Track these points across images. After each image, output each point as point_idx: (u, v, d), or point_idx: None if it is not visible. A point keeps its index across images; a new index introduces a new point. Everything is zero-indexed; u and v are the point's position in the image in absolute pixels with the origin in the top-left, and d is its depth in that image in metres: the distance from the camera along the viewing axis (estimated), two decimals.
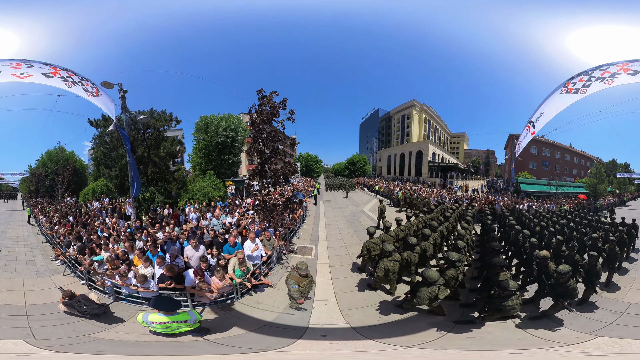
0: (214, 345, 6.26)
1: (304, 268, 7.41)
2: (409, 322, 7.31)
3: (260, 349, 6.05)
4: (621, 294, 8.57)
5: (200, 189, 18.07)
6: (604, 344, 6.08)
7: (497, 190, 28.29)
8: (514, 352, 5.90)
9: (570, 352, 5.89)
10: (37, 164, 20.29)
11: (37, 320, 7.14)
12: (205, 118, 22.39)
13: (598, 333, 6.50)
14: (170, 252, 9.01)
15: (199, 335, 6.52)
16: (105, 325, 6.97)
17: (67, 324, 6.95)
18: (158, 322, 6.10)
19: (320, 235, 14.35)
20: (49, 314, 7.37)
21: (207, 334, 6.63)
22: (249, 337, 6.68)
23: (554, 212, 17.60)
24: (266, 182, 12.22)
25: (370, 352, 6.12)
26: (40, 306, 7.84)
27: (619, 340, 6.17)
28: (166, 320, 6.09)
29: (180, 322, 6.16)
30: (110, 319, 7.25)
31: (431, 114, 35.15)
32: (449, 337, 6.62)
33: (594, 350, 5.90)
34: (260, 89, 11.51)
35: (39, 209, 16.96)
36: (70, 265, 10.06)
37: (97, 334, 6.62)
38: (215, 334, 6.66)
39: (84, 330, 6.71)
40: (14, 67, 6.81)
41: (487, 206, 18.52)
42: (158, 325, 6.13)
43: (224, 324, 7.11)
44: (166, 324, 6.11)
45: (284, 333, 6.76)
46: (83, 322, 6.98)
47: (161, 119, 18.34)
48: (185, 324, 6.20)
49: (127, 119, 12.08)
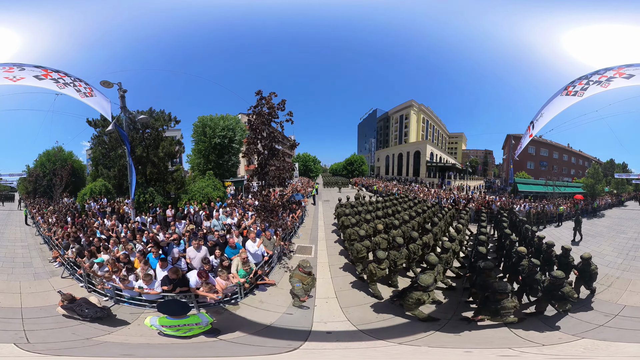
0: (235, 346, 6.25)
1: (306, 266, 7.52)
2: (403, 318, 7.38)
3: (276, 348, 6.06)
4: (616, 296, 8.59)
5: (199, 190, 18.06)
6: (584, 346, 6.06)
7: (495, 191, 28.39)
8: (468, 351, 5.96)
9: (537, 353, 5.86)
10: (35, 164, 20.15)
11: (32, 323, 6.99)
12: (203, 118, 22.36)
13: (585, 335, 6.49)
14: (172, 254, 9.04)
15: (212, 336, 6.46)
16: (109, 328, 6.88)
17: (66, 327, 6.83)
18: (167, 326, 6.04)
19: (320, 235, 14.47)
20: (46, 317, 7.23)
21: (219, 334, 6.58)
22: (259, 336, 6.70)
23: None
24: (265, 183, 12.23)
25: (365, 348, 6.20)
26: (37, 309, 7.69)
27: (600, 342, 6.14)
28: (176, 324, 6.03)
29: (192, 325, 6.10)
30: (114, 322, 7.17)
31: (429, 114, 35.24)
32: (438, 334, 6.70)
33: (568, 352, 5.88)
34: (259, 90, 11.48)
35: (36, 210, 16.87)
36: (68, 267, 9.98)
37: (101, 337, 6.53)
38: (227, 334, 6.64)
39: (84, 333, 6.62)
40: (6, 70, 6.95)
41: (484, 206, 18.60)
42: (168, 329, 6.07)
43: (232, 324, 7.12)
44: (177, 327, 6.05)
45: (291, 332, 6.83)
46: (83, 326, 6.89)
47: (160, 119, 18.29)
48: (197, 327, 6.14)
49: (126, 119, 12.05)
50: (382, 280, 8.81)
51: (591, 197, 22.28)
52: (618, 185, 23.69)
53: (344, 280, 9.61)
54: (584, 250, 9.13)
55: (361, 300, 8.34)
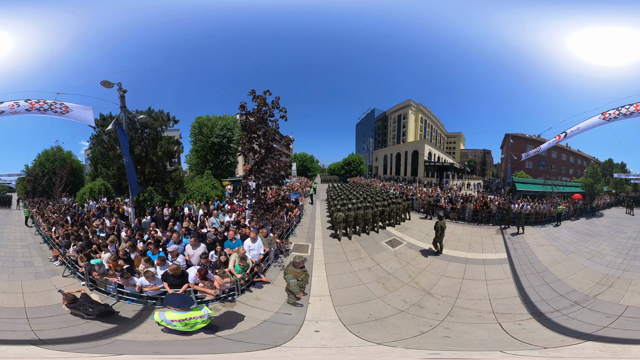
0: (230, 342, 6.35)
1: (300, 260, 7.60)
2: (395, 319, 7.55)
3: (269, 344, 6.16)
4: (618, 297, 8.60)
5: (198, 189, 18.13)
6: (591, 349, 5.94)
7: (492, 190, 28.41)
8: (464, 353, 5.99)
9: (543, 356, 5.80)
10: (34, 163, 20.29)
11: (39, 323, 7.02)
12: (200, 119, 22.46)
13: (589, 337, 6.44)
14: (171, 250, 9.14)
15: (210, 332, 6.57)
16: (115, 326, 6.93)
17: (74, 326, 6.84)
18: (177, 320, 6.13)
19: (317, 234, 14.58)
20: (52, 317, 7.26)
21: (216, 330, 6.68)
22: (253, 333, 6.80)
23: None
24: (262, 182, 12.26)
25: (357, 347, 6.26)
26: (41, 309, 7.74)
27: (609, 345, 6.01)
28: (184, 317, 6.12)
29: (196, 318, 6.20)
30: (118, 320, 7.25)
31: (427, 114, 35.26)
32: (427, 335, 6.79)
33: (575, 354, 5.80)
34: (252, 90, 11.44)
35: (36, 209, 16.96)
36: (69, 266, 10.04)
37: (110, 335, 6.57)
38: (224, 331, 6.73)
39: (92, 331, 6.65)
40: (11, 108, 8.62)
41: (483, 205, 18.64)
42: (178, 323, 6.16)
43: (229, 321, 7.22)
44: (185, 321, 6.15)
45: (284, 328, 6.93)
46: (89, 324, 6.92)
47: (159, 119, 18.38)
48: (201, 320, 6.25)
49: (126, 119, 12.12)
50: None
51: (590, 197, 22.28)
52: (617, 185, 23.71)
53: (340, 279, 9.71)
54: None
55: (355, 300, 8.42)
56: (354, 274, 10.14)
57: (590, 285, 9.46)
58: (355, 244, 13.11)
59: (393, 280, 9.81)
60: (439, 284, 9.62)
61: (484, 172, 35.90)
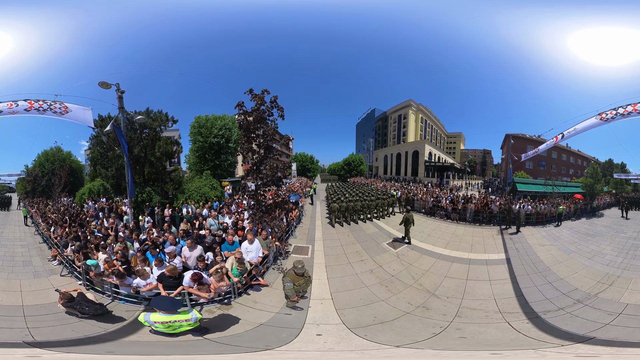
0: (216, 345, 6.30)
1: (300, 267, 7.41)
2: (402, 321, 7.42)
3: (260, 348, 6.10)
4: (618, 295, 8.70)
5: (197, 189, 18.06)
6: (598, 345, 6.02)
7: (493, 190, 28.36)
8: (495, 353, 5.93)
9: (562, 352, 5.86)
10: (33, 164, 20.26)
11: (35, 321, 7.09)
12: (199, 118, 22.40)
13: (593, 334, 6.52)
14: (169, 252, 9.07)
15: (199, 334, 6.54)
16: (107, 325, 6.96)
17: (65, 324, 6.92)
18: (160, 322, 6.13)
19: (317, 235, 14.45)
20: (47, 315, 7.34)
21: (206, 333, 6.66)
22: (247, 336, 6.72)
23: None
24: (261, 183, 12.15)
25: (359, 350, 6.17)
26: (38, 307, 7.81)
27: (614, 342, 6.12)
28: (168, 320, 6.12)
29: (182, 321, 6.18)
30: (111, 319, 7.26)
31: (427, 114, 35.22)
32: (441, 336, 6.70)
33: (587, 351, 5.87)
34: (250, 89, 11.35)
35: (36, 209, 16.91)
36: (67, 265, 10.06)
37: (98, 334, 6.59)
38: (214, 334, 6.69)
39: (83, 330, 6.69)
40: (9, 107, 8.66)
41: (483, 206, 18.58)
42: (160, 325, 6.16)
43: (222, 323, 7.16)
44: (168, 323, 6.14)
45: (281, 332, 6.82)
46: (82, 323, 6.96)
47: (157, 119, 18.29)
48: (187, 323, 6.22)
49: (124, 119, 12.06)
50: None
51: (590, 197, 22.24)
52: (617, 185, 23.68)
53: (341, 282, 9.59)
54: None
55: (358, 302, 8.29)
56: (355, 277, 10.04)
57: (591, 284, 9.54)
58: (356, 245, 13.02)
59: (396, 282, 9.74)
60: (444, 285, 9.57)
61: (484, 172, 35.85)
